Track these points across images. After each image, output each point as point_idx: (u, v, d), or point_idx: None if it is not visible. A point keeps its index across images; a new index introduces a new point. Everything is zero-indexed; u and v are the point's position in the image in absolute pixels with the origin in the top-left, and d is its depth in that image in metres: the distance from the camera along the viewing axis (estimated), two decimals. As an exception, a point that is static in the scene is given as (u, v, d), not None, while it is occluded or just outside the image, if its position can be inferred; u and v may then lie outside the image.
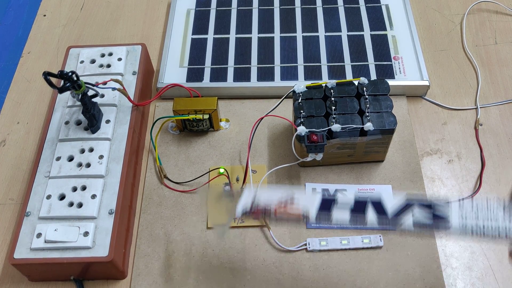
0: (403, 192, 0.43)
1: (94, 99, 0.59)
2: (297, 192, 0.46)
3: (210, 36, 0.75)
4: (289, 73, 0.70)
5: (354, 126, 0.57)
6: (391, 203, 0.43)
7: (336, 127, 0.57)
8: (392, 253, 0.57)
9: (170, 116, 0.64)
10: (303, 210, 0.45)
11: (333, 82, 0.60)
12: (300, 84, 0.60)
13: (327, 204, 0.45)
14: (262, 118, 0.63)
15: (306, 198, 0.46)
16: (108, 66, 0.66)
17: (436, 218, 0.41)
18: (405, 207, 0.42)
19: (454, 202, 0.41)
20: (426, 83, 0.68)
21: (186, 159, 0.65)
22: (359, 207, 0.44)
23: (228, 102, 0.70)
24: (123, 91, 0.61)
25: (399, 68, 0.70)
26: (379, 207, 0.43)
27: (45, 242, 0.53)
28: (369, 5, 0.78)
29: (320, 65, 0.70)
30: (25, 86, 0.74)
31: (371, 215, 0.43)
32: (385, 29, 0.74)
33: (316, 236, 0.58)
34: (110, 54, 0.67)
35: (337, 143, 0.59)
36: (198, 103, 0.63)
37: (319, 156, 0.58)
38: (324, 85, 0.61)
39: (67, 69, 0.67)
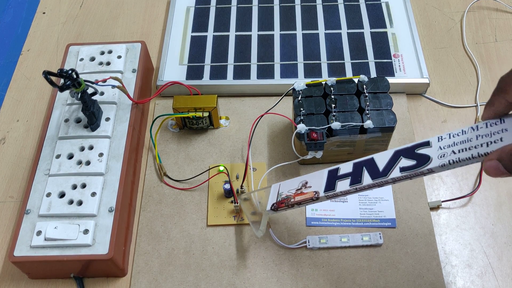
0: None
1: (93, 97, 0.59)
2: (308, 176, 0.51)
3: (210, 34, 0.75)
4: (289, 71, 0.70)
5: (354, 124, 0.57)
6: (382, 157, 0.46)
7: (336, 125, 0.57)
8: (392, 250, 0.57)
9: (170, 114, 0.64)
10: (314, 189, 0.49)
11: (333, 79, 0.60)
12: (300, 82, 0.60)
13: (333, 175, 0.48)
14: (262, 116, 0.63)
15: (315, 175, 0.50)
16: (108, 63, 0.66)
17: (418, 157, 0.43)
18: (393, 157, 0.45)
19: (433, 138, 0.43)
20: (426, 80, 0.68)
21: (186, 157, 0.65)
22: (356, 169, 0.47)
23: (228, 99, 0.70)
24: (123, 89, 0.61)
25: (399, 65, 0.70)
26: (372, 164, 0.46)
27: (45, 239, 0.53)
28: (369, 2, 0.77)
29: (320, 63, 0.70)
30: (24, 84, 0.74)
31: (366, 174, 0.46)
32: (385, 27, 0.74)
33: (315, 234, 0.58)
34: (110, 52, 0.67)
35: (337, 141, 0.59)
36: (197, 100, 0.63)
37: (319, 154, 0.58)
38: (324, 82, 0.61)
39: (67, 66, 0.67)
